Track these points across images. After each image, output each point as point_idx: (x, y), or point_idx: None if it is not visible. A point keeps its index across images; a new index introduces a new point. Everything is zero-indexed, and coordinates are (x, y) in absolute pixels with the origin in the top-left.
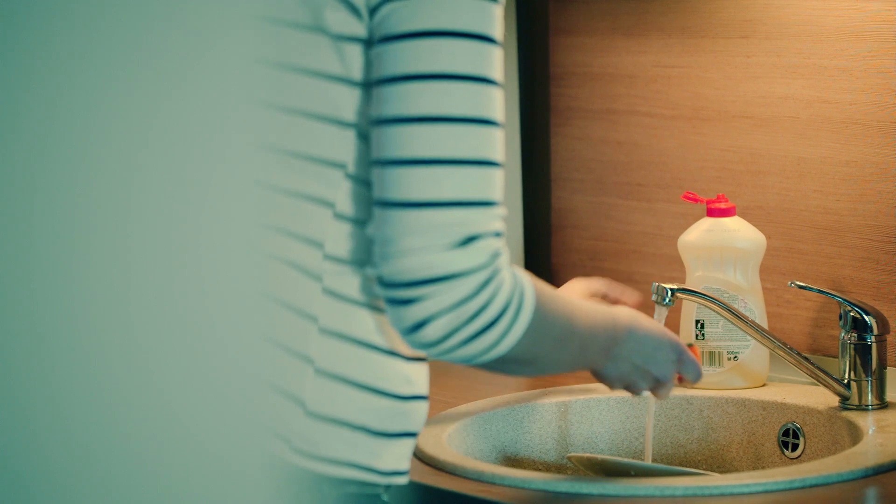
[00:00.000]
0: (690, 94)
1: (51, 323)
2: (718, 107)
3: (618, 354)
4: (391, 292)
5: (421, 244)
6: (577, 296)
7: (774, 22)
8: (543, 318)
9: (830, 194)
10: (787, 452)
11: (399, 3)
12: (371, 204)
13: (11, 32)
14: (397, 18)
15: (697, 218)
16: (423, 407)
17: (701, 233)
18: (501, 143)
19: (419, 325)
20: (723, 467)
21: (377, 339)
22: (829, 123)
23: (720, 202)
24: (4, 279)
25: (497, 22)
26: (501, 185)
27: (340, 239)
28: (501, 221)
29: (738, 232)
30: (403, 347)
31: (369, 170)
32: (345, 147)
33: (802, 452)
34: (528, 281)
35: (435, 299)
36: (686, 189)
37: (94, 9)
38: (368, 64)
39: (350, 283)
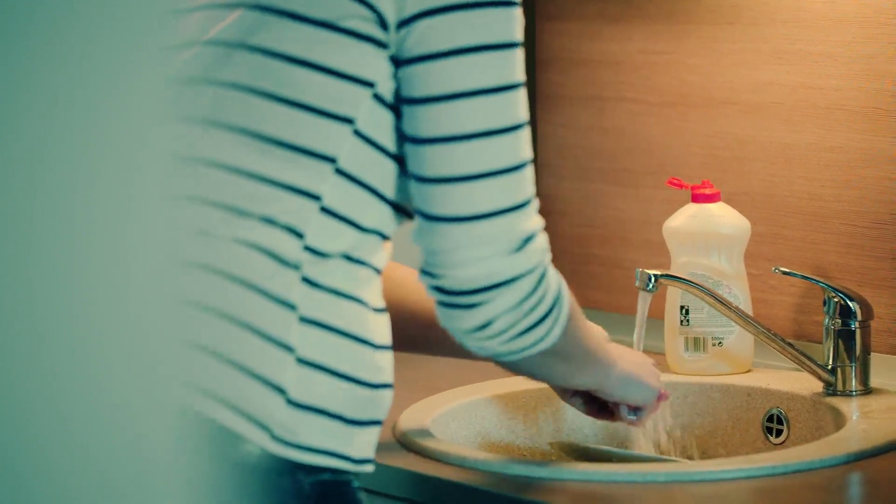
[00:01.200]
0: (676, 81)
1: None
2: (704, 93)
3: (615, 371)
4: (454, 299)
5: (482, 254)
6: None
7: (760, 8)
8: (573, 309)
9: (815, 180)
10: (771, 438)
11: (433, 19)
12: (357, 202)
13: None
14: (434, 36)
15: (683, 204)
16: (389, 395)
17: (686, 219)
18: (528, 139)
19: (484, 326)
20: (707, 453)
21: (352, 328)
22: (815, 109)
23: (705, 188)
24: None
25: (520, 24)
26: (533, 177)
27: (323, 232)
28: (537, 214)
29: (723, 218)
30: (375, 336)
31: (365, 168)
32: (337, 141)
33: (787, 438)
34: (562, 279)
35: (498, 301)
36: (672, 175)
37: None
38: (387, 71)
39: (328, 272)
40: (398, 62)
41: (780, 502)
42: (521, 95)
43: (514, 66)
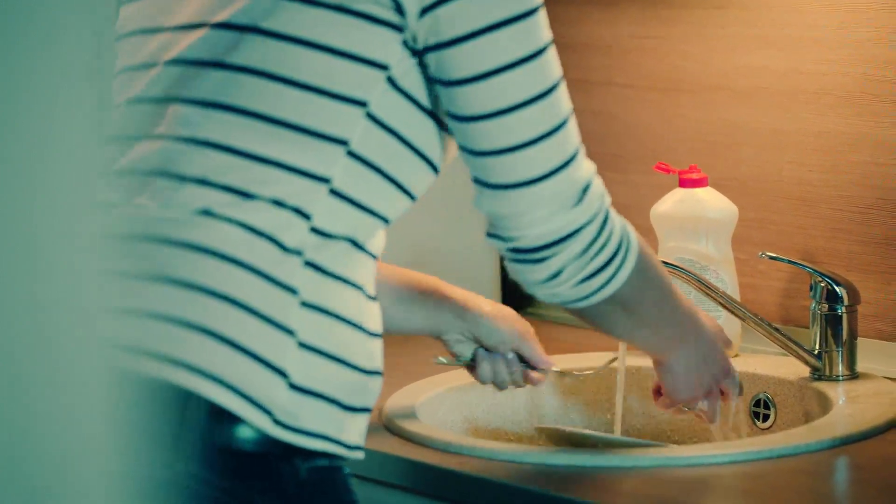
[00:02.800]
0: (666, 65)
1: None
2: (694, 78)
3: (693, 347)
4: (527, 255)
5: (547, 213)
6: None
7: None
8: (647, 264)
9: (804, 165)
10: (758, 423)
11: (455, 4)
12: (368, 185)
13: None
14: (461, 18)
15: (672, 189)
16: (380, 382)
17: (673, 203)
18: (566, 91)
19: (554, 276)
20: (694, 438)
21: (349, 314)
22: (804, 94)
23: (692, 173)
24: None
25: None
26: (576, 126)
27: (331, 214)
28: (586, 159)
29: (710, 202)
30: (369, 323)
31: (377, 151)
32: (349, 124)
33: (773, 423)
34: (632, 228)
35: (567, 251)
36: (661, 160)
37: None
38: (401, 54)
39: (330, 257)
40: (427, 48)
41: (766, 487)
42: (552, 54)
43: (540, 29)
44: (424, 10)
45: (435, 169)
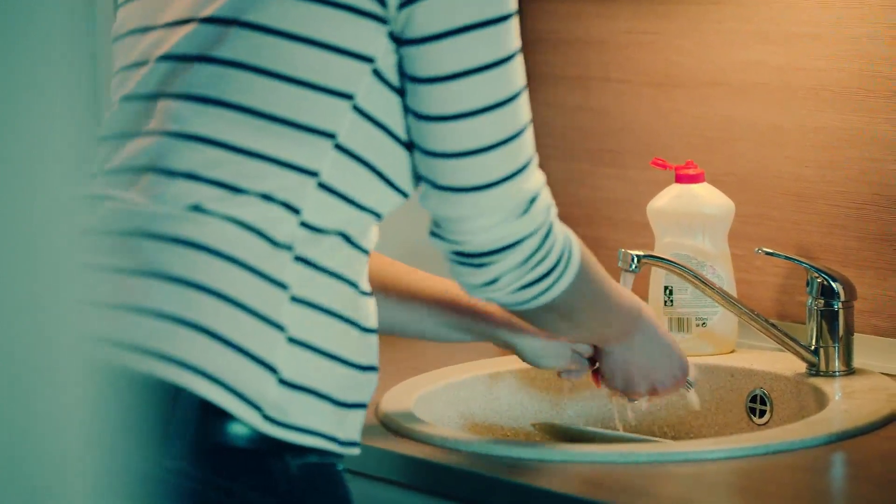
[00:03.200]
0: (662, 61)
1: None
2: (690, 73)
3: (632, 342)
4: (468, 260)
5: (493, 221)
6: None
7: None
8: (587, 275)
9: (801, 161)
10: (754, 419)
11: (430, 1)
12: (356, 179)
13: None
14: (433, 17)
15: (669, 185)
16: (375, 379)
17: (669, 199)
18: (527, 100)
19: (492, 282)
20: (691, 434)
21: (342, 309)
22: (801, 90)
23: (689, 168)
24: None
25: None
26: (532, 136)
27: (319, 208)
28: (538, 170)
29: (707, 198)
30: (363, 318)
31: (364, 145)
32: (336, 117)
33: (770, 419)
34: (575, 238)
35: (507, 260)
36: (658, 156)
37: None
38: (387, 46)
39: (321, 252)
40: (400, 41)
41: (762, 483)
42: (518, 63)
43: (510, 37)
44: (402, 5)
45: None
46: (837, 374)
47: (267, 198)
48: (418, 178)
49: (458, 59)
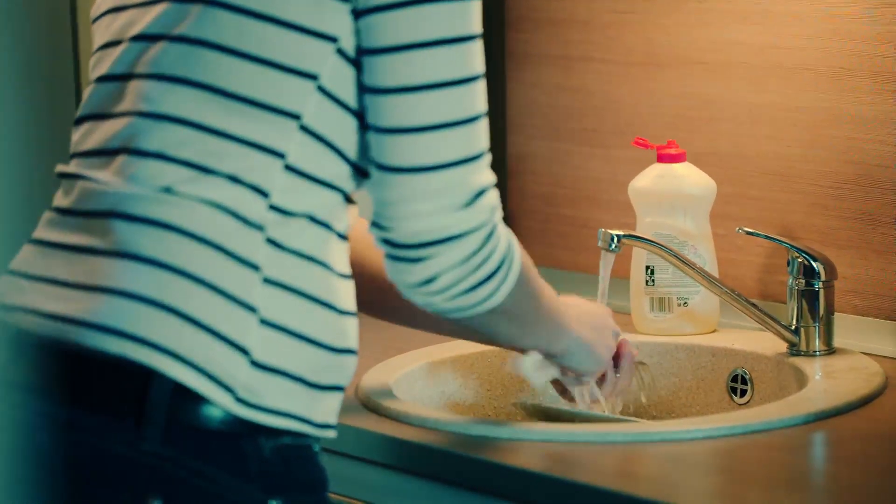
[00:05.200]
0: (644, 40)
1: None
2: (672, 53)
3: (572, 326)
4: (401, 252)
5: (431, 207)
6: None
7: None
8: (525, 276)
9: (782, 140)
10: (735, 398)
11: None
12: (321, 160)
13: None
14: None
15: (651, 164)
16: (353, 361)
17: (651, 179)
18: (484, 92)
19: (429, 281)
20: (672, 414)
21: (316, 291)
22: (781, 69)
23: (670, 148)
24: None
25: None
26: (487, 131)
27: (288, 190)
28: (489, 168)
29: (688, 178)
30: (340, 300)
31: (329, 126)
32: (301, 98)
33: (751, 398)
34: (515, 240)
35: (445, 256)
36: (640, 135)
37: None
38: (350, 26)
39: (293, 234)
40: (358, 13)
41: (740, 462)
42: (477, 48)
43: (471, 18)
44: None
45: None
46: (818, 353)
47: (235, 180)
48: (370, 161)
49: (414, 30)
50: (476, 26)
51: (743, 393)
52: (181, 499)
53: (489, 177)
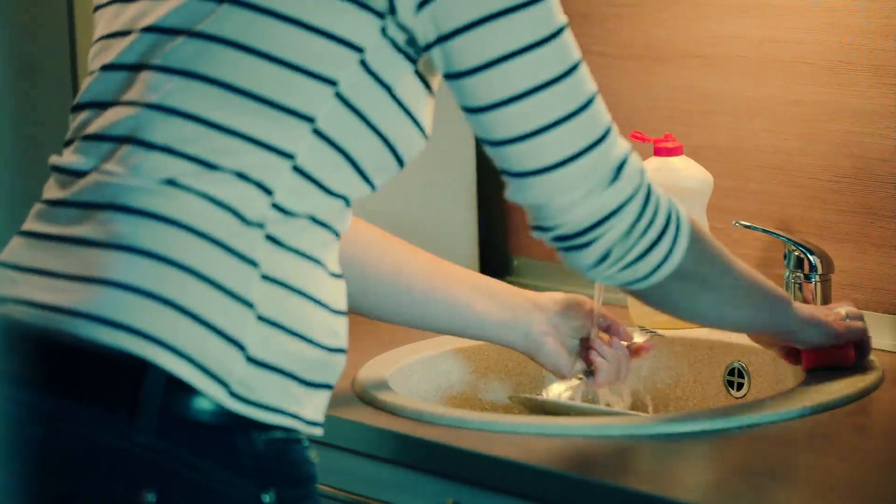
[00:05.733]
0: (642, 34)
1: None
2: (670, 46)
3: (797, 314)
4: (570, 242)
5: (580, 194)
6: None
7: None
8: (701, 235)
9: (780, 134)
10: (732, 392)
11: None
12: (330, 165)
13: None
14: (467, 5)
15: (647, 158)
16: (342, 360)
17: (648, 172)
18: (587, 73)
19: (602, 259)
20: (669, 407)
21: (311, 290)
22: (779, 63)
23: (667, 141)
24: None
25: None
26: (604, 106)
27: (292, 191)
28: (620, 137)
29: (685, 171)
30: (332, 300)
31: (342, 133)
32: (316, 101)
33: (747, 392)
34: (676, 200)
35: (612, 231)
36: (637, 129)
37: None
38: (378, 41)
39: (292, 232)
40: (430, 44)
41: (735, 456)
42: (567, 38)
43: (553, 13)
44: (421, 5)
45: (399, 160)
46: None
47: (241, 176)
48: (499, 172)
49: (495, 45)
50: (560, 18)
51: (740, 386)
52: (174, 491)
53: (624, 146)
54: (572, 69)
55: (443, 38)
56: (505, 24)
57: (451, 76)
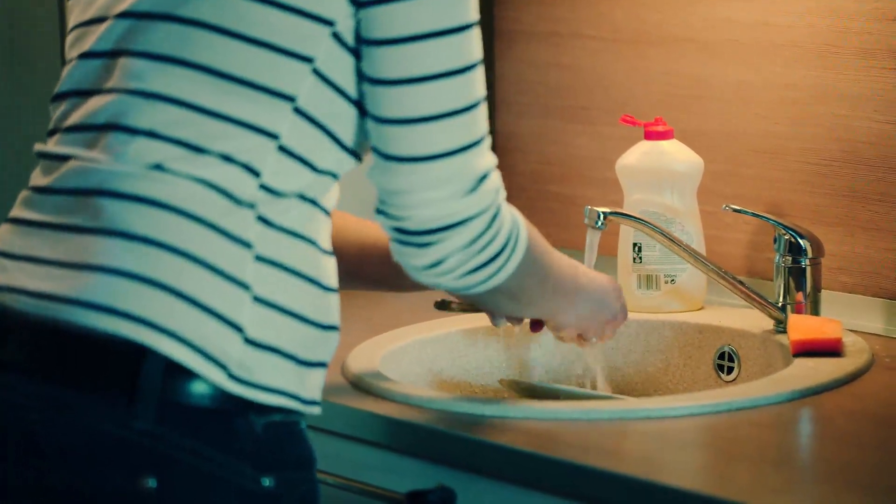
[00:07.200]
0: (634, 18)
1: None
2: (661, 30)
3: (577, 302)
4: (410, 238)
5: (438, 196)
6: None
7: None
8: (532, 255)
9: (771, 118)
10: (722, 376)
11: None
12: (314, 143)
13: None
14: None
15: (638, 141)
16: (336, 337)
17: (638, 156)
18: (482, 77)
19: (436, 264)
20: (660, 391)
21: (305, 268)
22: (770, 47)
23: (657, 125)
24: None
25: None
26: (486, 115)
27: (279, 171)
28: (490, 151)
29: (675, 155)
30: (325, 277)
31: (323, 109)
32: (296, 80)
33: (738, 376)
34: (522, 220)
35: (452, 240)
36: (628, 113)
37: None
38: (346, 10)
39: (283, 211)
40: (360, 3)
41: (727, 439)
42: (475, 35)
43: (468, 6)
44: None
45: None
46: None
47: (228, 159)
48: (371, 150)
49: (413, 22)
50: (473, 14)
51: (730, 370)
52: (175, 477)
53: (491, 159)
54: (472, 66)
55: (368, 3)
56: (424, 4)
57: (363, 41)
